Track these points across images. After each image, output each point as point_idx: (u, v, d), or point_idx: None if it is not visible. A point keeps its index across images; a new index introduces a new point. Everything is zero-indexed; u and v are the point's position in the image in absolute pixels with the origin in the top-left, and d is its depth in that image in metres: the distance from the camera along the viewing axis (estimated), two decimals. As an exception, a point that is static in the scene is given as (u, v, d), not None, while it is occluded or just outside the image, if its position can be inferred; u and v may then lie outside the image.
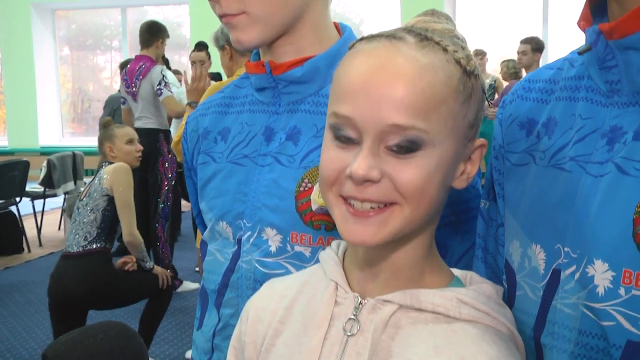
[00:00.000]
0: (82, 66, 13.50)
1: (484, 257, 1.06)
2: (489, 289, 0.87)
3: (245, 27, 1.11)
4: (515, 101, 1.00)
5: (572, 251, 0.82)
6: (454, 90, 0.80)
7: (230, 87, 1.32)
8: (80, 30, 13.16)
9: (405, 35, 0.82)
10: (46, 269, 6.62)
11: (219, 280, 1.21)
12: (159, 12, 12.49)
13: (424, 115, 0.77)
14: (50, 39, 12.54)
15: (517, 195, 0.95)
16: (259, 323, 0.96)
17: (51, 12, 12.47)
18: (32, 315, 5.33)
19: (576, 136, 0.87)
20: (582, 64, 0.90)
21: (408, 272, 0.86)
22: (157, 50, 5.65)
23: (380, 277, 0.87)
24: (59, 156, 7.59)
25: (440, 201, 0.84)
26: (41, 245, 7.66)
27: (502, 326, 0.84)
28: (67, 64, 13.34)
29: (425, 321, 0.83)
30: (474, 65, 0.83)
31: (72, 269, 3.72)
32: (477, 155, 0.87)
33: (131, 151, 4.04)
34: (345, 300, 0.88)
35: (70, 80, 13.50)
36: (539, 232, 0.88)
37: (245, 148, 1.21)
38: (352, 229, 0.80)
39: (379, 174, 0.78)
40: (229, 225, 1.20)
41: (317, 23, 1.17)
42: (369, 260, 0.87)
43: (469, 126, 0.83)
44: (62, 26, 12.94)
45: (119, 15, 12.55)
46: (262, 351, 0.94)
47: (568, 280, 0.83)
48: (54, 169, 7.43)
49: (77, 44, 13.24)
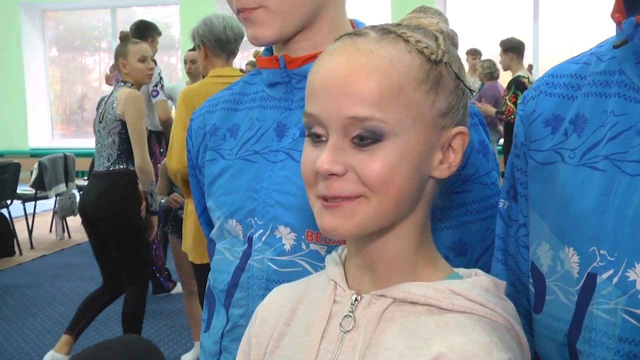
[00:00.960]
0: (71, 67, 13.45)
1: (504, 259, 1.03)
2: (487, 281, 0.86)
3: (263, 22, 1.09)
4: (538, 97, 0.96)
5: (609, 254, 0.79)
6: (414, 79, 0.81)
7: (239, 83, 1.30)
8: (69, 31, 13.10)
9: (369, 32, 0.84)
10: (38, 272, 6.61)
11: (228, 280, 1.19)
12: (148, 12, 12.45)
13: (381, 106, 0.78)
14: (40, 40, 12.49)
15: (545, 195, 0.92)
16: (265, 325, 0.96)
17: (40, 13, 12.41)
18: (25, 318, 5.28)
19: (609, 134, 0.84)
20: (613, 58, 0.87)
21: (400, 265, 0.86)
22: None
23: (374, 272, 0.87)
24: (50, 158, 7.55)
25: (415, 191, 0.83)
26: (33, 248, 7.61)
27: (499, 317, 0.82)
28: (55, 65, 13.28)
29: (417, 314, 0.82)
30: (441, 55, 0.83)
31: (95, 185, 4.03)
32: (458, 144, 0.86)
33: (143, 69, 4.06)
34: (343, 298, 0.88)
35: (59, 81, 13.45)
36: (572, 235, 0.85)
37: (255, 144, 1.19)
38: (324, 220, 0.82)
39: (342, 168, 0.79)
40: (238, 223, 1.17)
41: (334, 19, 1.16)
42: (360, 254, 0.88)
43: (439, 114, 0.83)
44: (51, 27, 12.88)
45: (107, 16, 12.51)
46: (267, 353, 0.94)
47: (605, 284, 0.80)
48: (45, 171, 7.39)
49: (66, 45, 13.19)
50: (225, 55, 3.44)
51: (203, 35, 3.40)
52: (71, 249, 7.53)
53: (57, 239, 8.08)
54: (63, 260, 7.09)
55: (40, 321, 5.22)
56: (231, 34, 3.40)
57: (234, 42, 3.42)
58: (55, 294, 5.90)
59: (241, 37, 3.47)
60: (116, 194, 3.95)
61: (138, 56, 4.04)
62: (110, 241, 3.98)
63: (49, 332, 4.98)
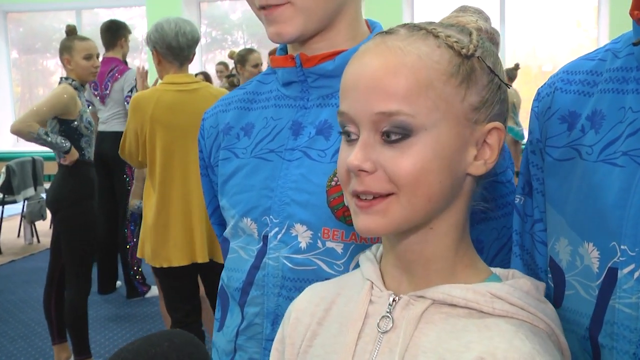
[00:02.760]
0: (32, 70, 13.25)
1: (521, 253, 1.04)
2: (527, 284, 0.85)
3: (288, 18, 1.09)
4: (553, 94, 0.97)
5: (630, 249, 0.80)
6: (444, 74, 0.81)
7: (252, 82, 1.30)
8: (30, 33, 12.91)
9: (399, 29, 0.85)
10: (7, 277, 6.50)
11: (243, 278, 1.18)
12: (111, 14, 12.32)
13: (409, 100, 0.79)
14: (3, 43, 12.28)
15: (562, 191, 0.93)
16: (298, 325, 0.96)
17: (3, 15, 12.20)
18: (-4, 324, 5.21)
19: (628, 130, 0.84)
20: (630, 54, 0.88)
21: (438, 265, 0.86)
22: (122, 49, 5.56)
23: (412, 273, 0.87)
24: (18, 162, 7.43)
25: (449, 189, 0.83)
26: (1, 253, 7.50)
27: (540, 322, 0.82)
28: (15, 67, 13.08)
29: (457, 316, 0.82)
30: (473, 49, 0.84)
31: (55, 176, 4.04)
32: (494, 140, 0.85)
33: (88, 67, 4.00)
34: (379, 298, 0.88)
35: (19, 84, 13.24)
36: (591, 230, 0.86)
37: (270, 143, 1.19)
38: (359, 220, 0.83)
39: (372, 165, 0.80)
40: (254, 221, 1.17)
41: (353, 19, 1.17)
42: (398, 253, 0.88)
43: (471, 109, 0.83)
44: (11, 29, 12.68)
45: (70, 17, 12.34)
46: (300, 352, 0.94)
47: (627, 279, 0.81)
48: (14, 174, 7.27)
49: (26, 48, 12.99)
50: (178, 61, 3.36)
51: (155, 41, 3.33)
52: (40, 253, 7.41)
53: (26, 244, 7.96)
54: (33, 265, 6.98)
55: (12, 327, 5.14)
56: (184, 40, 3.31)
57: (187, 49, 3.34)
58: (27, 299, 5.82)
59: (195, 42, 3.38)
60: (67, 186, 3.95)
61: (84, 53, 3.97)
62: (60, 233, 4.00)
63: (22, 337, 4.90)
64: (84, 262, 4.00)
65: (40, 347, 4.71)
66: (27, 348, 4.71)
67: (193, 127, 3.21)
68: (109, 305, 5.60)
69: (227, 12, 11.90)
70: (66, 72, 4.02)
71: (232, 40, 12.11)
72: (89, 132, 4.01)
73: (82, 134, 3.96)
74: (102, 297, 5.77)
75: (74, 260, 3.97)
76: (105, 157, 5.22)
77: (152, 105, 3.30)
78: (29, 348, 4.71)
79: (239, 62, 5.95)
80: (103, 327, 5.10)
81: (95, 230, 4.06)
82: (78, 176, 3.95)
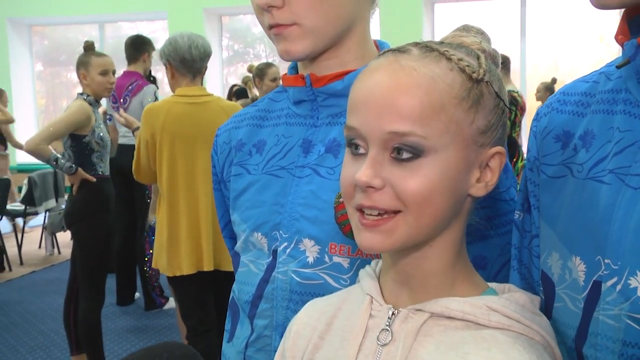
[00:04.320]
0: (56, 82, 13.40)
1: (519, 267, 1.06)
2: (523, 297, 0.87)
3: (296, 38, 1.12)
4: (550, 114, 1.01)
5: (613, 263, 0.83)
6: (455, 97, 0.82)
7: (264, 100, 1.33)
8: (54, 46, 13.07)
9: (412, 49, 0.86)
10: (28, 288, 6.57)
11: (252, 292, 1.21)
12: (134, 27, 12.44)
13: (422, 122, 0.80)
14: (27, 55, 12.44)
15: (555, 207, 0.96)
16: (299, 338, 0.97)
17: (27, 28, 12.37)
18: (16, 335, 5.25)
19: (615, 149, 0.87)
20: (620, 77, 0.91)
21: (437, 280, 0.88)
22: (144, 64, 5.61)
23: (411, 287, 0.88)
24: (40, 173, 7.52)
25: (452, 208, 0.85)
26: (22, 264, 7.57)
27: (536, 334, 0.84)
28: (40, 80, 13.23)
29: (455, 328, 0.84)
30: (482, 74, 0.85)
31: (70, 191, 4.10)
32: (495, 163, 0.87)
33: (103, 82, 4.04)
34: (379, 312, 0.89)
35: (44, 96, 13.40)
36: (579, 244, 0.89)
37: (281, 160, 1.21)
38: (363, 237, 0.84)
39: (381, 182, 0.81)
40: (264, 236, 1.20)
41: (362, 38, 1.19)
42: (397, 269, 0.89)
43: (478, 132, 0.85)
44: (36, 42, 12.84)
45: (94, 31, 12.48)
46: None
47: (610, 291, 0.83)
48: (35, 186, 7.35)
49: (51, 60, 13.14)
50: (190, 74, 3.45)
51: (168, 54, 3.43)
52: (61, 264, 7.49)
53: (47, 255, 8.04)
54: (53, 275, 7.05)
55: (31, 337, 5.19)
56: (196, 53, 3.41)
57: (199, 61, 3.43)
58: (46, 309, 5.88)
59: (207, 55, 3.49)
60: (80, 200, 4.01)
61: (100, 69, 4.02)
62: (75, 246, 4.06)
63: (40, 348, 4.95)
64: (97, 274, 4.05)
65: (58, 358, 4.76)
66: (45, 358, 4.75)
67: (200, 138, 3.29)
68: (127, 317, 5.64)
69: (249, 26, 11.96)
70: (82, 88, 4.08)
71: (254, 54, 12.18)
72: (101, 147, 4.06)
73: (93, 149, 4.02)
74: (120, 309, 5.82)
75: (86, 273, 4.01)
76: (124, 169, 5.24)
77: (163, 115, 3.38)
78: (48, 358, 4.75)
79: (257, 76, 6.00)
80: (121, 338, 5.13)
81: (109, 243, 4.10)
82: (91, 190, 4.00)
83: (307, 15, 1.10)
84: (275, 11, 1.10)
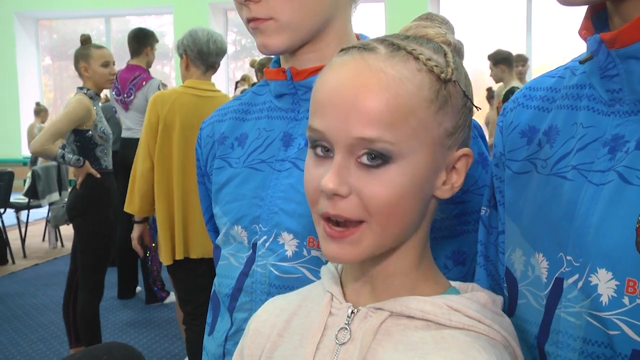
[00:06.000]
0: (64, 76, 13.45)
1: (485, 264, 1.06)
2: (484, 297, 0.86)
3: (273, 32, 1.12)
4: (516, 109, 1.00)
5: (575, 260, 0.82)
6: (424, 100, 0.80)
7: (248, 94, 1.33)
8: (62, 40, 13.11)
9: (378, 46, 0.82)
10: (31, 281, 6.59)
11: (232, 285, 1.21)
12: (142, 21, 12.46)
13: (390, 127, 0.77)
14: (34, 49, 12.48)
15: (519, 203, 0.95)
16: (258, 336, 0.96)
17: (34, 22, 12.41)
18: (18, 328, 5.27)
19: (578, 145, 0.86)
20: (584, 72, 0.90)
21: (399, 281, 0.86)
22: (147, 57, 5.59)
23: (373, 286, 0.87)
24: (43, 167, 7.55)
25: (418, 213, 0.83)
26: (25, 257, 7.61)
27: (497, 334, 0.83)
28: (48, 73, 13.28)
29: (415, 328, 0.82)
30: (450, 73, 0.82)
31: (73, 185, 4.12)
32: (462, 165, 0.86)
33: (105, 74, 4.06)
34: (339, 310, 0.88)
35: (52, 90, 13.45)
36: (542, 241, 0.88)
37: (262, 153, 1.21)
38: (329, 248, 0.82)
39: (347, 189, 0.79)
40: (244, 229, 1.20)
41: (342, 32, 1.19)
42: (361, 269, 0.88)
43: (446, 134, 0.83)
44: (44, 36, 12.88)
45: (101, 24, 12.51)
46: None
47: (571, 289, 0.82)
48: (39, 179, 7.38)
49: (59, 54, 13.19)
50: (204, 67, 3.55)
51: (187, 45, 3.52)
52: (64, 257, 7.51)
53: (50, 248, 8.08)
54: (56, 268, 7.08)
55: (33, 330, 5.21)
56: (214, 47, 3.52)
57: (215, 56, 3.54)
58: (48, 302, 5.90)
59: (223, 52, 3.59)
60: (82, 194, 4.03)
61: (101, 61, 4.03)
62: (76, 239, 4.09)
63: (42, 340, 4.97)
64: (96, 268, 4.07)
65: (58, 350, 4.78)
66: (45, 351, 4.77)
67: (195, 130, 3.32)
68: (128, 310, 5.66)
69: (255, 20, 11.97)
70: (82, 81, 4.08)
71: (260, 48, 12.19)
72: (104, 140, 4.08)
73: (96, 143, 4.04)
74: (121, 302, 5.85)
75: (86, 266, 4.04)
76: (128, 163, 5.25)
77: (169, 103, 3.46)
78: (48, 351, 4.77)
79: (259, 71, 5.98)
80: (121, 332, 5.15)
81: (109, 237, 4.12)
82: (93, 185, 4.02)
83: (283, 9, 1.10)
84: (253, 5, 1.11)
